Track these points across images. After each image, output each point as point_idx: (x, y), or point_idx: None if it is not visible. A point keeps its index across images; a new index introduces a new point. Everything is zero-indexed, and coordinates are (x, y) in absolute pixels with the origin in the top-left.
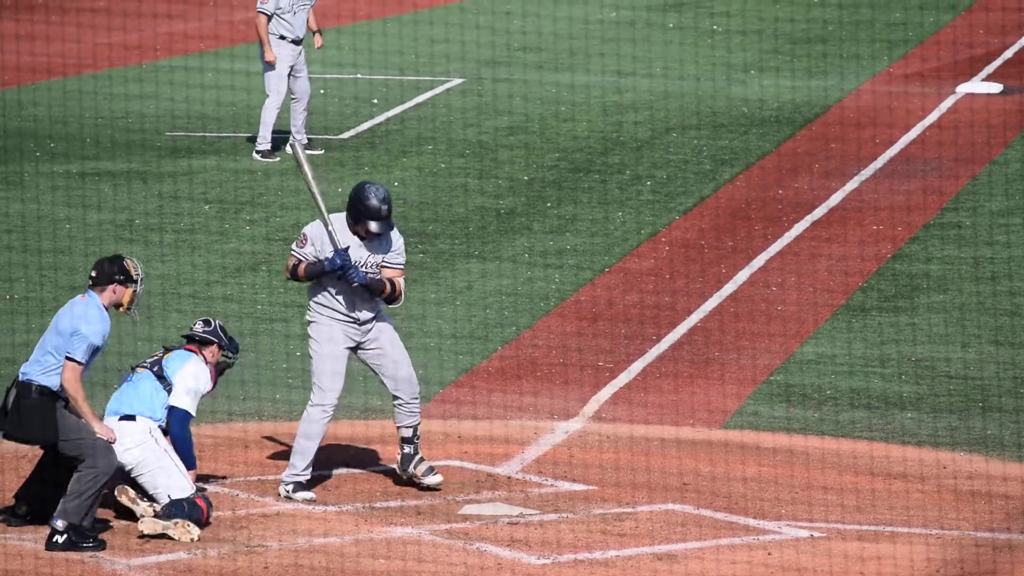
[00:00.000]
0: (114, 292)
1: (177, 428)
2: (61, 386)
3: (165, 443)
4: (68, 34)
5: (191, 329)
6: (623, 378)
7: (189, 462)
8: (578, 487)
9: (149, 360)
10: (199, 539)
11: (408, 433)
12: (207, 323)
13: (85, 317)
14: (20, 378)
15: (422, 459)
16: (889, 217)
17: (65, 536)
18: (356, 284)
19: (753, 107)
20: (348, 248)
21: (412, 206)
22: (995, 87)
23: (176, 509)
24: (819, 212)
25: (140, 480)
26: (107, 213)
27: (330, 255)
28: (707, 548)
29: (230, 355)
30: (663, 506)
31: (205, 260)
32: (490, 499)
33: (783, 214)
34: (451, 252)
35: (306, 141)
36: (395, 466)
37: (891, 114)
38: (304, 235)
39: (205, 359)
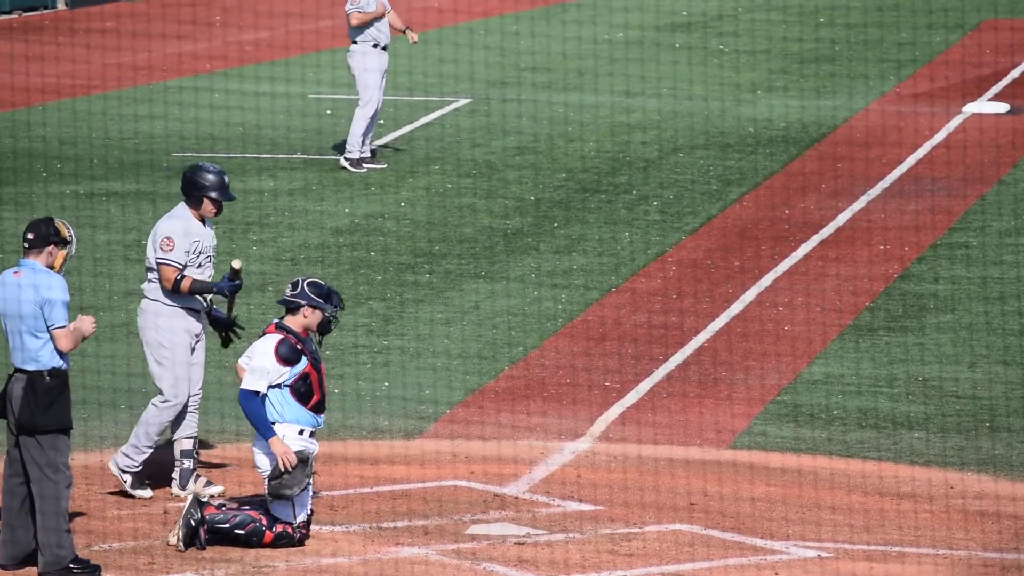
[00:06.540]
0: (50, 254)
1: (242, 401)
2: (61, 355)
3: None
4: (76, 55)
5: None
6: (630, 398)
7: (262, 432)
8: (585, 507)
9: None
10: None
11: (189, 445)
12: (293, 286)
13: (47, 285)
14: (23, 368)
15: (199, 474)
16: (896, 237)
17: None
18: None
19: (760, 127)
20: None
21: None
22: (1002, 107)
23: (233, 519)
24: (826, 232)
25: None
26: (114, 233)
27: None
28: (714, 568)
29: (327, 310)
30: (670, 526)
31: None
32: (497, 519)
33: (790, 234)
34: (458, 272)
35: (369, 153)
36: (174, 486)
37: (898, 134)
38: (170, 239)
39: (288, 330)
